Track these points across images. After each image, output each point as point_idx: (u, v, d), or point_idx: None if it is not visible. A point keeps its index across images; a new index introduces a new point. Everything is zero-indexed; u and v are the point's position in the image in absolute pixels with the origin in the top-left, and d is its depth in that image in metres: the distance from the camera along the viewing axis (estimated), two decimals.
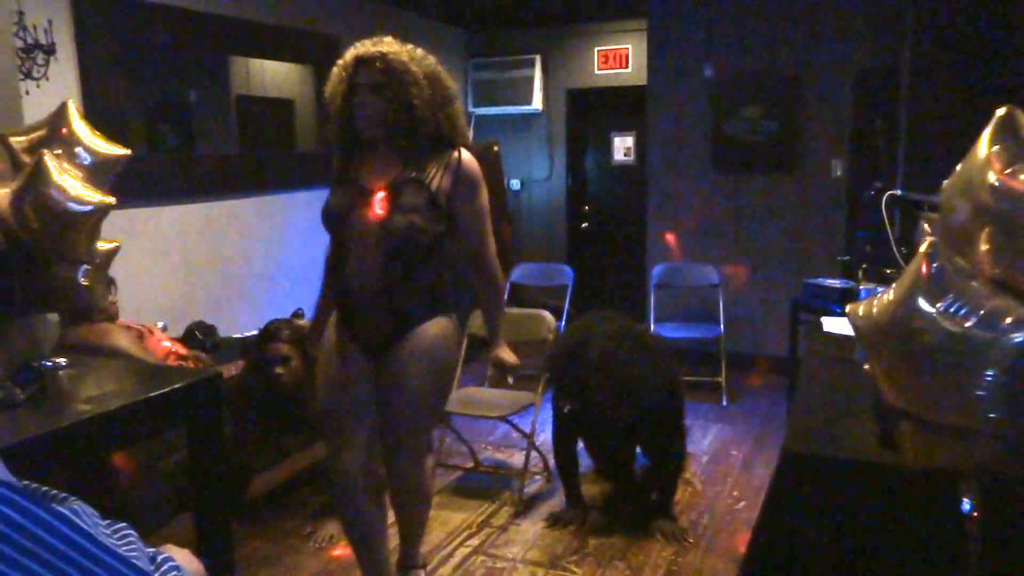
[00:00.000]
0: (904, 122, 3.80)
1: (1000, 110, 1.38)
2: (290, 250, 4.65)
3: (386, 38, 2.26)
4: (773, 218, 5.20)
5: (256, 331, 3.37)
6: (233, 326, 4.15)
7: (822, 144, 5.02)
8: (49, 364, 2.04)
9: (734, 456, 3.97)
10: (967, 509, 1.28)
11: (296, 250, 4.65)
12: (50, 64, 3.18)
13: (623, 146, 6.47)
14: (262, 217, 4.51)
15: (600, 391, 2.84)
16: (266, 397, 3.14)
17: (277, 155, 4.72)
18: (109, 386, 2.06)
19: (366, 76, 2.17)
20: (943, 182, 1.45)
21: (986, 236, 1.29)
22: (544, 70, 6.37)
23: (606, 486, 3.52)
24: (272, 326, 3.17)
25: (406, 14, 5.63)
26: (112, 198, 1.92)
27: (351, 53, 2.23)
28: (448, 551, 3.04)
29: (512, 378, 2.53)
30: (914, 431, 1.33)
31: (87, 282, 1.89)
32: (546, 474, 3.66)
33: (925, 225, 1.76)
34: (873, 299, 1.37)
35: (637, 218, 5.98)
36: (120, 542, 0.71)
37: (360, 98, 2.19)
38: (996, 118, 1.38)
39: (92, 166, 1.99)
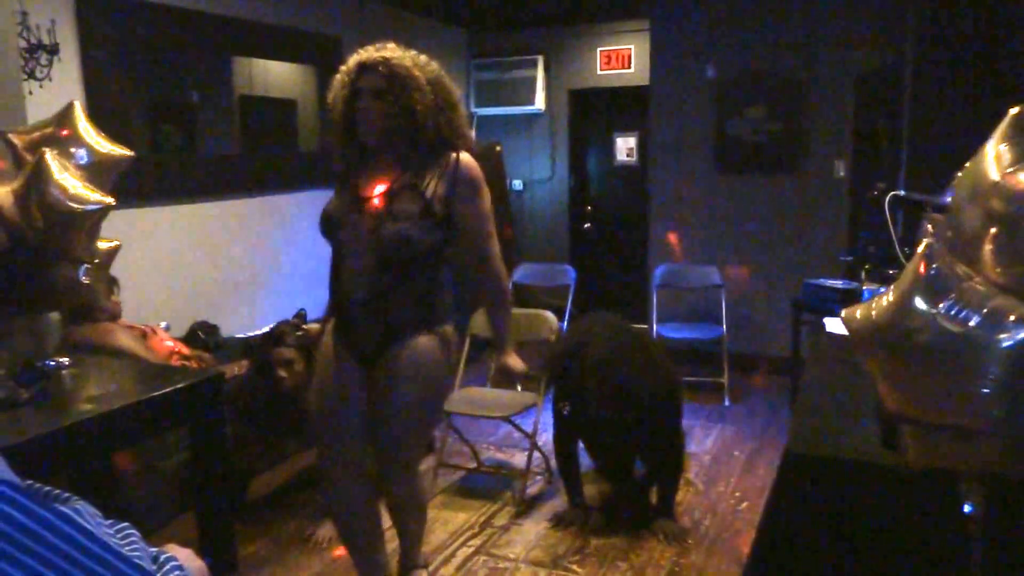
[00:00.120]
0: (907, 122, 3.80)
1: (1013, 109, 1.37)
2: (293, 250, 4.66)
3: (389, 44, 2.24)
4: (776, 219, 5.19)
5: (259, 331, 3.37)
6: (236, 326, 4.16)
7: (825, 145, 5.01)
8: (52, 364, 2.04)
9: (736, 457, 3.96)
10: (969, 510, 1.28)
11: (299, 250, 4.66)
12: (53, 64, 3.18)
13: (625, 146, 6.46)
14: (265, 217, 4.51)
15: (598, 393, 2.84)
16: (268, 399, 3.14)
17: (280, 155, 4.73)
18: (112, 386, 2.07)
19: (369, 81, 2.16)
20: (951, 180, 1.45)
21: (992, 237, 1.28)
22: (546, 70, 6.37)
23: (607, 486, 3.52)
24: (278, 329, 3.18)
25: (408, 15, 5.64)
26: (111, 198, 1.92)
27: (354, 59, 2.22)
28: (450, 551, 3.04)
29: (519, 384, 2.50)
30: (916, 432, 1.32)
31: (88, 281, 1.90)
32: (548, 474, 3.66)
33: (928, 226, 1.75)
34: (870, 302, 1.36)
35: (639, 218, 5.98)
36: (123, 541, 0.71)
37: (363, 103, 2.17)
38: (1009, 117, 1.36)
39: (93, 166, 2.00)
